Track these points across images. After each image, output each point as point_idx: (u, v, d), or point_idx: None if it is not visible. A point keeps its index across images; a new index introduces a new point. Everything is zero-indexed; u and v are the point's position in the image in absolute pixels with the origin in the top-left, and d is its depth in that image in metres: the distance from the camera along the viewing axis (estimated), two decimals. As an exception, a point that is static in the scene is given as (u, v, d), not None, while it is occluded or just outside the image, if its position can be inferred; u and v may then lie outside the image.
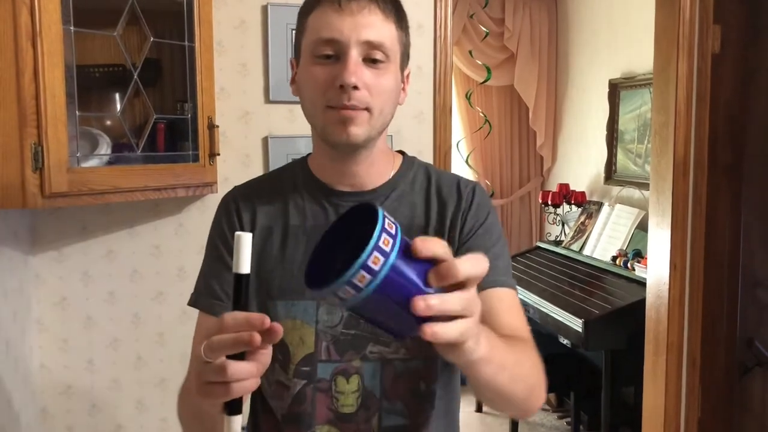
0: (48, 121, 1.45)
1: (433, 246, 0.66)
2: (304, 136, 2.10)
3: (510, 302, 1.03)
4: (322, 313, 1.02)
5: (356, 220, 0.70)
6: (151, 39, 1.75)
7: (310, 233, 1.04)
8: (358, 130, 0.97)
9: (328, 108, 0.97)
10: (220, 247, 1.07)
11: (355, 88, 0.94)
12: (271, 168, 2.05)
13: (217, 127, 1.90)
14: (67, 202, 1.55)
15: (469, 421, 3.96)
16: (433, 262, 0.66)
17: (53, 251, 1.98)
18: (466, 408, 4.09)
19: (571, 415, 3.70)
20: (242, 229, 1.04)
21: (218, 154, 1.92)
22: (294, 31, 1.06)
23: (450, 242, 1.01)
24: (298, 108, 2.08)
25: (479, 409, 4.08)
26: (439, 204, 1.06)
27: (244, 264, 0.72)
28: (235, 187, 1.14)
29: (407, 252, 0.65)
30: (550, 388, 4.04)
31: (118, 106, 1.80)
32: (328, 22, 0.96)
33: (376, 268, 0.62)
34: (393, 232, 0.64)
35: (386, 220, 0.65)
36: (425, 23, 2.14)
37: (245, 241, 0.72)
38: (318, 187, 1.07)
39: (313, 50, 0.97)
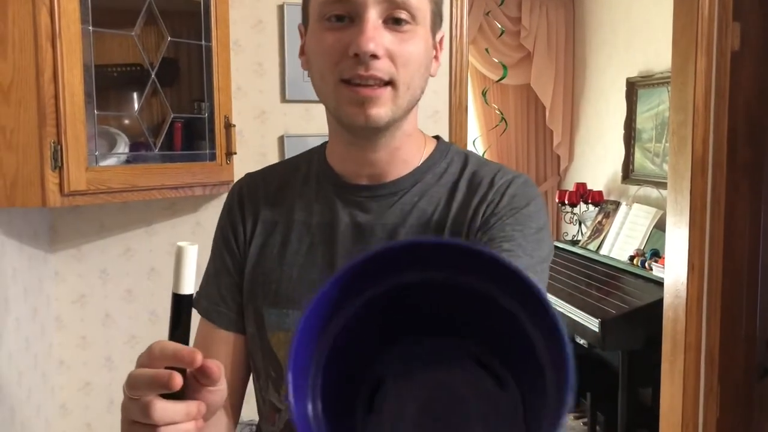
0: (67, 120, 1.46)
1: None
2: (321, 135, 2.09)
3: None
4: None
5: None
6: (169, 39, 1.76)
7: (315, 231, 0.89)
8: (380, 111, 0.79)
9: (342, 83, 0.79)
10: (220, 244, 0.95)
11: (374, 56, 0.76)
12: (287, 167, 2.06)
13: (234, 126, 1.91)
14: (85, 201, 1.56)
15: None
16: None
17: (72, 249, 2.00)
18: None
19: (587, 416, 3.68)
20: (244, 224, 0.93)
21: (235, 153, 1.93)
22: None
23: (467, 237, 0.85)
24: (314, 107, 2.10)
25: None
26: (465, 197, 0.87)
27: (185, 282, 0.61)
28: (248, 173, 1.01)
29: None
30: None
31: (136, 106, 1.81)
32: None
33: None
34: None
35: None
36: (441, 22, 2.13)
37: (188, 255, 0.60)
38: (330, 178, 0.91)
39: (322, 11, 0.79)
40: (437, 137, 0.96)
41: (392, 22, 0.78)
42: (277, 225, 0.92)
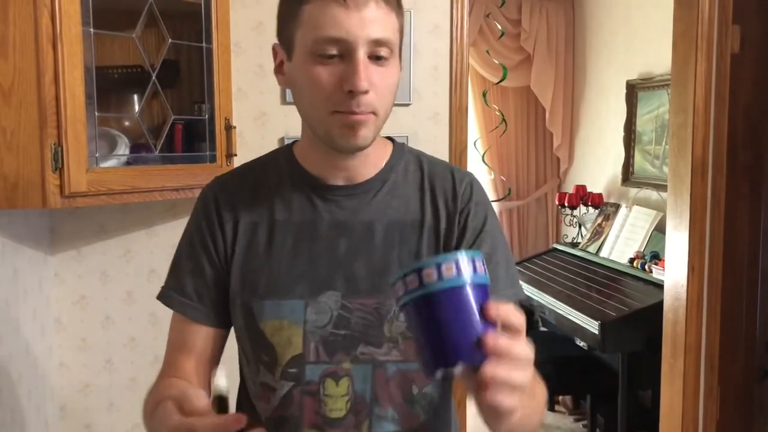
0: (68, 122, 1.46)
1: (508, 317, 0.65)
2: (321, 137, 2.10)
3: None
4: (311, 313, 0.96)
5: None
6: (169, 40, 1.76)
7: (298, 229, 0.98)
8: (367, 133, 0.91)
9: (335, 113, 0.89)
10: (196, 245, 1.02)
11: (365, 92, 0.88)
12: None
13: (234, 127, 1.91)
14: (85, 202, 1.56)
15: (480, 427, 3.94)
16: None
17: (72, 251, 2.00)
18: (476, 414, 4.06)
19: (587, 418, 3.68)
20: (223, 229, 1.00)
21: (235, 155, 1.93)
22: (281, 12, 0.96)
23: (445, 241, 0.99)
24: (314, 109, 2.09)
25: None
26: (433, 198, 1.01)
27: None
28: (216, 178, 1.06)
29: (483, 296, 0.64)
30: (566, 391, 4.02)
31: (137, 107, 1.81)
32: (332, 18, 0.86)
33: (446, 274, 0.61)
34: (479, 270, 0.64)
35: (478, 262, 0.64)
36: (442, 24, 2.13)
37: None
38: (306, 180, 1.00)
39: (314, 48, 0.88)
40: (389, 138, 1.06)
41: (375, 58, 0.89)
42: (258, 226, 0.99)
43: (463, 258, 0.62)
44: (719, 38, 2.20)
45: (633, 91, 4.06)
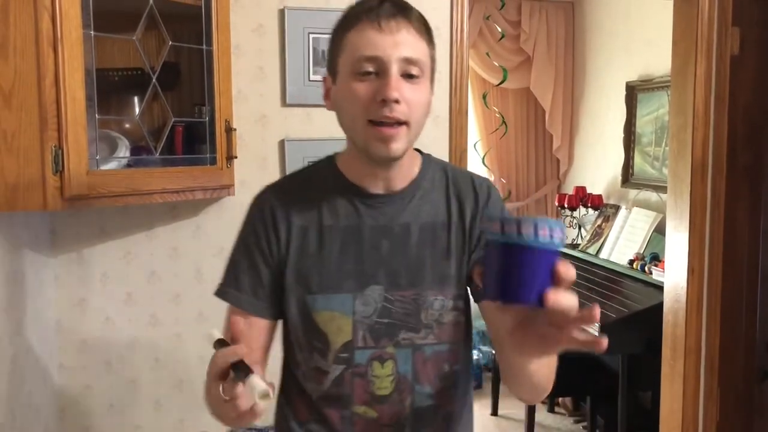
0: (68, 124, 1.47)
1: (568, 276, 0.77)
2: (321, 139, 2.11)
3: None
4: (359, 305, 1.10)
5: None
6: (170, 43, 1.76)
7: (344, 232, 1.11)
8: (399, 146, 1.04)
9: (370, 123, 1.02)
10: (251, 245, 1.14)
11: (396, 102, 1.00)
12: (288, 170, 2.07)
13: (235, 130, 1.92)
14: (86, 204, 1.57)
15: (485, 423, 3.95)
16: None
17: (72, 253, 2.01)
18: (482, 411, 4.07)
19: (587, 420, 3.68)
20: (277, 233, 1.12)
21: (236, 157, 1.93)
22: (330, 45, 1.10)
23: (470, 237, 1.14)
24: (314, 111, 2.10)
25: (495, 413, 4.06)
26: (458, 201, 1.15)
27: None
28: (267, 187, 1.19)
29: (554, 257, 0.76)
30: (566, 392, 4.02)
31: (137, 110, 1.82)
32: (369, 41, 1.01)
33: (543, 236, 0.73)
34: (559, 242, 0.75)
35: (562, 232, 0.76)
36: (441, 26, 2.14)
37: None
38: (350, 188, 1.13)
39: (354, 67, 1.02)
40: (418, 150, 1.19)
41: (407, 76, 1.02)
42: (309, 230, 1.12)
43: (557, 226, 0.75)
44: (719, 40, 2.21)
45: (633, 93, 4.07)
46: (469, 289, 1.15)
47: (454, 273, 1.13)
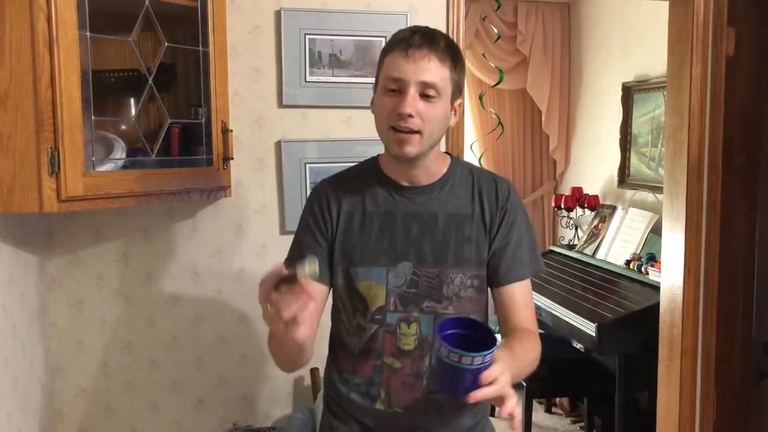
0: (64, 126, 1.47)
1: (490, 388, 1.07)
2: (317, 140, 2.11)
3: (524, 296, 1.39)
4: (391, 277, 1.35)
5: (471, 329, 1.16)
6: (166, 44, 1.76)
7: (382, 217, 1.37)
8: (411, 149, 1.28)
9: (391, 128, 1.28)
10: (311, 225, 1.40)
11: (410, 116, 1.25)
12: (285, 172, 2.07)
13: (231, 131, 1.91)
14: (82, 206, 1.56)
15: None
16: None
17: (69, 255, 2.00)
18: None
19: (584, 420, 3.68)
20: (331, 215, 1.38)
21: (232, 158, 1.93)
22: (378, 63, 1.35)
23: (489, 229, 1.38)
24: (310, 112, 2.10)
25: (492, 414, 4.05)
26: (480, 199, 1.39)
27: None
28: (323, 180, 1.46)
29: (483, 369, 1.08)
30: (563, 393, 4.00)
31: (133, 111, 1.81)
32: (397, 65, 1.27)
33: (476, 363, 1.06)
34: (490, 360, 1.08)
35: (489, 356, 1.07)
36: (438, 28, 2.13)
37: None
38: (387, 181, 1.39)
39: (384, 84, 1.29)
40: (448, 153, 1.46)
41: (424, 95, 1.27)
42: (354, 214, 1.38)
43: (481, 358, 1.06)
44: (714, 41, 2.21)
45: (629, 93, 4.07)
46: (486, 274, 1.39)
47: (473, 256, 1.36)
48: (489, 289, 1.41)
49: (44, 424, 1.91)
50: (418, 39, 1.27)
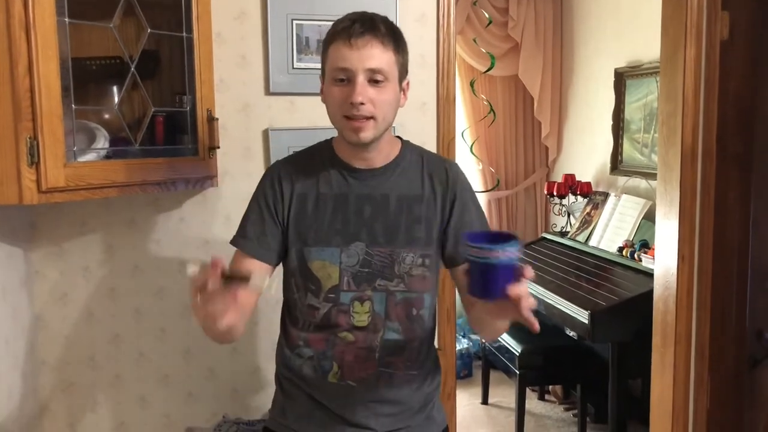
0: (43, 115, 1.42)
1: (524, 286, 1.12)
2: (305, 128, 2.07)
3: None
4: (344, 257, 1.40)
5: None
6: (149, 30, 1.71)
7: (335, 199, 1.41)
8: (366, 134, 1.33)
9: (345, 117, 1.32)
10: (261, 204, 1.43)
11: (362, 103, 1.30)
12: (272, 160, 2.03)
13: (217, 119, 1.87)
14: (64, 198, 1.52)
15: (475, 413, 3.95)
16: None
17: (53, 247, 1.96)
18: (472, 399, 4.07)
19: (577, 408, 3.68)
20: (283, 196, 1.42)
21: (218, 147, 1.89)
22: (321, 53, 1.39)
23: (441, 210, 1.43)
24: (298, 100, 2.06)
25: (485, 401, 4.06)
26: (431, 181, 1.44)
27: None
28: (278, 161, 1.50)
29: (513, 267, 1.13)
30: (556, 380, 4.00)
31: (116, 99, 1.77)
32: (342, 55, 1.30)
33: (505, 257, 1.11)
34: (516, 255, 1.12)
35: (519, 250, 1.12)
36: (428, 13, 2.10)
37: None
38: (341, 164, 1.43)
39: (332, 75, 1.33)
40: (399, 137, 1.50)
41: (373, 81, 1.31)
42: (307, 196, 1.42)
43: (516, 247, 1.11)
44: (708, 25, 2.18)
45: (621, 79, 4.05)
46: (441, 255, 1.46)
47: (423, 236, 1.42)
48: (450, 271, 1.49)
49: (30, 420, 1.87)
50: (359, 27, 1.30)
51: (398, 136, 1.50)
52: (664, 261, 2.34)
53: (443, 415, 1.58)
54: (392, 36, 1.34)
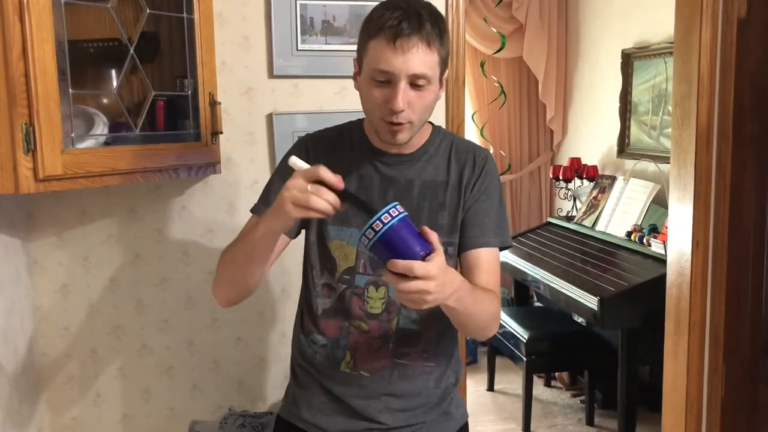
0: (39, 100, 1.36)
1: (431, 235, 1.09)
2: (311, 112, 2.01)
3: (490, 264, 1.36)
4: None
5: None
6: (148, 11, 1.65)
7: (359, 179, 1.38)
8: (403, 137, 1.29)
9: (382, 120, 1.27)
10: (285, 174, 1.30)
11: (402, 111, 1.24)
12: (277, 145, 1.97)
13: (219, 103, 1.81)
14: (62, 186, 1.47)
15: (481, 400, 3.91)
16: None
17: (52, 237, 1.91)
18: (478, 387, 4.04)
19: (585, 394, 3.64)
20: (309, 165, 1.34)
21: (221, 133, 1.83)
22: (359, 40, 1.30)
23: (462, 197, 1.38)
24: (303, 83, 2.00)
25: (491, 388, 4.03)
26: (458, 167, 1.40)
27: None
28: (308, 134, 1.46)
29: (412, 229, 1.08)
30: (563, 367, 3.97)
31: (115, 83, 1.71)
32: (385, 58, 1.22)
33: (382, 223, 1.05)
34: (397, 214, 1.06)
35: (394, 209, 1.06)
36: (435, -9, 2.03)
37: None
38: (369, 147, 1.39)
39: (372, 75, 1.25)
40: (431, 123, 1.43)
41: (414, 85, 1.24)
42: (333, 172, 1.27)
43: (390, 209, 1.06)
44: (725, 2, 2.11)
45: (628, 61, 3.97)
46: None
47: (446, 223, 1.37)
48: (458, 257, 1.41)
49: (31, 413, 1.83)
50: (406, 28, 1.20)
51: (430, 122, 1.43)
52: (677, 246, 2.29)
53: (462, 410, 1.52)
54: (436, 30, 1.24)
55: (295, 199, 1.12)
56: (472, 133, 4.61)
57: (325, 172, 1.13)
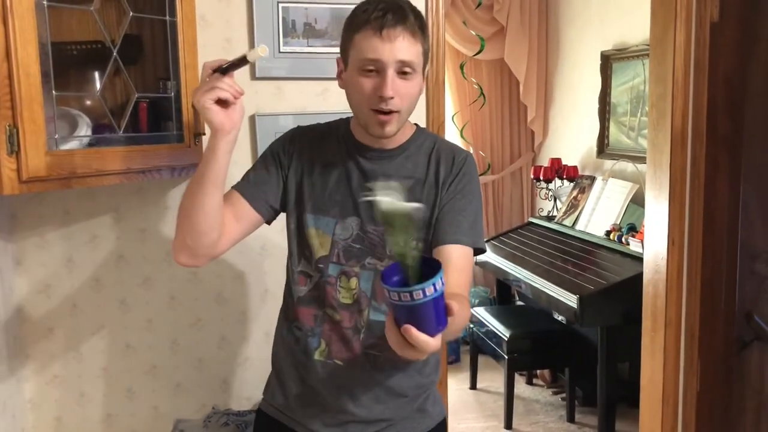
0: (23, 102, 1.37)
1: (451, 310, 1.01)
2: (293, 113, 2.03)
3: (460, 261, 1.35)
4: (339, 229, 1.41)
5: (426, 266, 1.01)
6: (131, 14, 1.66)
7: (340, 172, 1.42)
8: (391, 128, 1.33)
9: (372, 110, 1.31)
10: (269, 159, 1.45)
11: (391, 98, 1.28)
12: (259, 147, 1.99)
13: (202, 105, 1.82)
14: (45, 187, 1.48)
15: (464, 398, 3.95)
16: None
17: (35, 237, 1.92)
18: (460, 385, 4.07)
19: (566, 391, 3.69)
20: (291, 158, 1.44)
21: (204, 134, 1.84)
22: (342, 37, 1.35)
23: (438, 195, 1.40)
24: (285, 84, 2.02)
25: (473, 386, 4.06)
26: (436, 165, 1.42)
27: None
28: (300, 127, 1.50)
29: (443, 304, 1.00)
30: (544, 364, 4.00)
31: (98, 85, 1.72)
32: (372, 46, 1.27)
33: (429, 293, 0.95)
34: (438, 288, 0.96)
35: (439, 281, 0.96)
36: (416, -6, 2.06)
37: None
38: (353, 142, 1.43)
39: (360, 65, 1.29)
40: (416, 124, 1.49)
41: (401, 74, 1.29)
42: (315, 163, 1.44)
43: (437, 282, 0.96)
44: (698, 6, 2.16)
45: (608, 62, 4.03)
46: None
47: (419, 218, 1.38)
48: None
49: (15, 414, 1.83)
50: (391, 18, 1.26)
51: (416, 124, 1.49)
52: (653, 245, 2.34)
53: (440, 409, 1.54)
54: (419, 23, 1.31)
55: (200, 92, 1.25)
56: (451, 134, 4.65)
57: (208, 63, 1.27)
